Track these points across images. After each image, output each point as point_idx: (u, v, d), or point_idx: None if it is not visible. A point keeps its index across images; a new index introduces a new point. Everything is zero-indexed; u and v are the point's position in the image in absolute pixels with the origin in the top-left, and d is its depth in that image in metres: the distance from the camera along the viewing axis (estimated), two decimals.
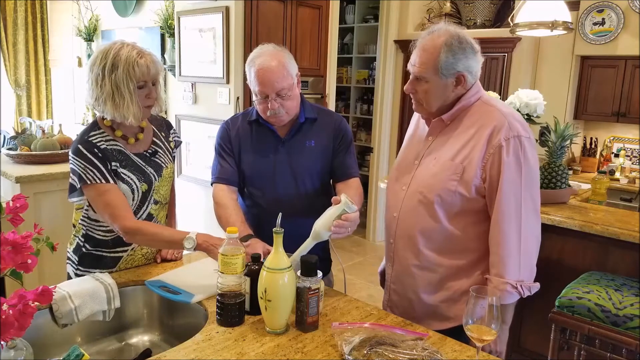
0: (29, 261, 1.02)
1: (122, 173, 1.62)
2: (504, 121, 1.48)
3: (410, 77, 1.58)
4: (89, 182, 1.56)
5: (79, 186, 1.59)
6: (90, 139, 1.61)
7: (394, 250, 1.68)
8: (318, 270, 1.35)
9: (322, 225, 1.47)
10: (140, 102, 1.59)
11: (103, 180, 1.57)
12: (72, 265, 1.73)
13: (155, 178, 1.71)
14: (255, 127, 1.82)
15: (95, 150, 1.58)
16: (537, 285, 1.51)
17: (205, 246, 1.52)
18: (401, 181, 1.66)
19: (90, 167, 1.56)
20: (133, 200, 1.66)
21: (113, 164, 1.60)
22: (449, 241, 1.56)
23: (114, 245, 1.70)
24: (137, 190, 1.65)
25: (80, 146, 1.59)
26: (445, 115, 1.57)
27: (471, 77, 1.53)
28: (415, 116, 1.76)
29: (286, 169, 1.77)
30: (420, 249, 1.59)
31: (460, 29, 1.53)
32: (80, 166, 1.57)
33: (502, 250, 1.48)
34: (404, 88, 1.61)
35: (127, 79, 1.55)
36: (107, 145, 1.62)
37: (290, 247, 1.43)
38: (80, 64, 5.62)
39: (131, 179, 1.64)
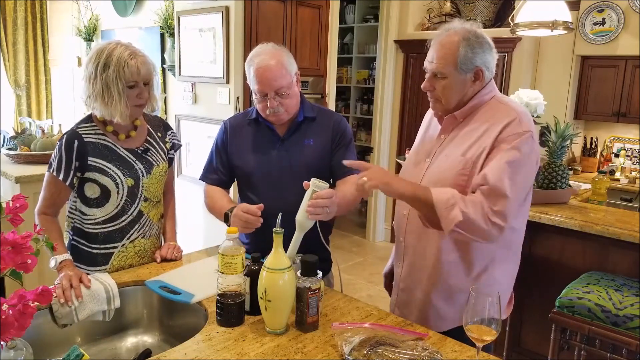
0: (29, 261, 1.02)
1: (106, 167, 1.67)
2: (515, 116, 1.48)
3: (427, 74, 1.57)
4: (50, 169, 1.66)
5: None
6: (78, 130, 1.68)
7: (404, 248, 1.68)
8: (318, 270, 1.35)
9: (301, 214, 1.48)
10: (130, 102, 1.64)
11: (60, 177, 1.64)
12: None
13: (143, 174, 1.74)
14: (254, 126, 1.83)
15: (75, 144, 1.64)
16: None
17: (59, 268, 1.54)
18: (412, 178, 1.65)
19: (59, 159, 1.65)
20: (118, 193, 1.69)
21: (91, 159, 1.65)
22: (459, 240, 1.54)
23: (104, 241, 1.72)
24: (122, 185, 1.69)
25: (66, 135, 1.67)
26: (458, 112, 1.56)
27: (488, 72, 1.54)
28: (427, 116, 1.76)
29: (285, 167, 1.78)
30: (430, 247, 1.58)
31: (477, 26, 1.54)
32: (55, 152, 1.66)
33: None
34: (422, 86, 1.59)
35: (117, 79, 1.60)
36: (93, 139, 1.68)
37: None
38: (80, 64, 5.61)
39: (115, 173, 1.68)
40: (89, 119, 1.73)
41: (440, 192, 1.44)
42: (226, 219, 1.69)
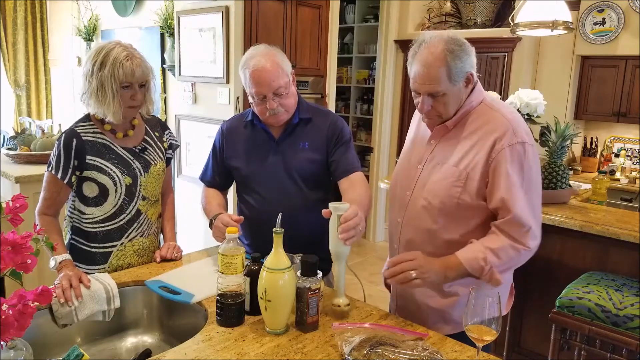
0: (29, 261, 1.02)
1: (104, 165, 1.68)
2: (509, 127, 1.47)
3: (421, 96, 1.52)
4: (49, 168, 1.68)
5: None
6: (76, 129, 1.70)
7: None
8: (318, 270, 1.35)
9: (333, 244, 1.45)
10: (123, 102, 1.65)
11: (58, 175, 1.65)
12: None
13: (140, 173, 1.75)
14: (250, 129, 1.83)
15: (74, 142, 1.66)
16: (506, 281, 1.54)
17: (59, 268, 1.55)
18: (404, 186, 1.64)
19: (58, 157, 1.66)
20: (116, 192, 1.70)
21: (90, 157, 1.67)
22: (453, 246, 1.53)
23: (103, 239, 1.73)
24: (120, 183, 1.70)
25: (64, 134, 1.69)
26: (449, 122, 1.55)
27: (475, 72, 1.54)
28: (416, 118, 1.75)
29: (280, 169, 1.77)
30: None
31: (451, 30, 1.52)
32: (54, 151, 1.68)
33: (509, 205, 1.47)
34: (418, 109, 1.55)
35: (111, 79, 1.61)
36: (91, 138, 1.69)
37: (288, 246, 1.42)
38: (79, 64, 5.61)
39: (113, 172, 1.69)
40: (87, 118, 1.74)
41: (469, 259, 1.45)
42: (210, 225, 1.70)
